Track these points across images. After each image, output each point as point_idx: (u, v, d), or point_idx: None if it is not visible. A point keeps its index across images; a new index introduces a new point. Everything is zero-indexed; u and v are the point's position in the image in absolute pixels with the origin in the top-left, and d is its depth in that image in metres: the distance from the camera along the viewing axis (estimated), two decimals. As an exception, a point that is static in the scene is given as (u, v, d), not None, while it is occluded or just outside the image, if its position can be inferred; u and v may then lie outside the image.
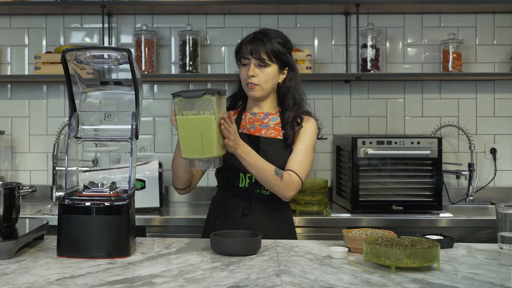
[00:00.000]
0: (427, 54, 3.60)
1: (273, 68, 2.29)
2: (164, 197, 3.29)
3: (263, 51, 2.26)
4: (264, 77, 2.28)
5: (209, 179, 3.51)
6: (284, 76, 2.34)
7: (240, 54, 2.32)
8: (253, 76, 2.27)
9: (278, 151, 2.29)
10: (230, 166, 2.26)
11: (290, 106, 2.33)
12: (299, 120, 2.33)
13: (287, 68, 2.34)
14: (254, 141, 2.30)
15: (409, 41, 3.61)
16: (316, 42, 3.60)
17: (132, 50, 3.32)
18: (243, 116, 2.38)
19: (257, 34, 2.30)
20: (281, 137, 2.31)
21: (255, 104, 2.38)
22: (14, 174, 3.57)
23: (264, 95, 2.32)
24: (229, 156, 2.24)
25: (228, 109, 2.38)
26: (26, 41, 3.60)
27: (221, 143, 2.05)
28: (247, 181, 2.30)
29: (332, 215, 3.02)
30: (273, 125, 2.34)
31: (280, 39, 2.31)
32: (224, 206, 2.34)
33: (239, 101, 2.44)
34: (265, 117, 2.36)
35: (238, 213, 2.29)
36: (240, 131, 2.32)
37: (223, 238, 1.92)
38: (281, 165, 2.26)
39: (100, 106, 2.06)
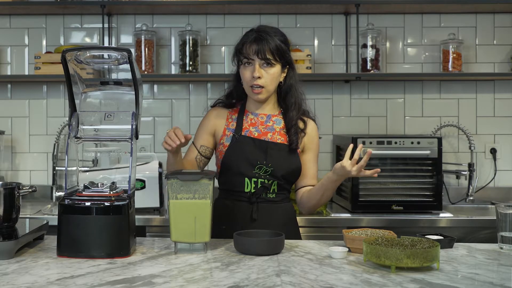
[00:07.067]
0: (427, 54, 3.60)
1: (277, 68, 2.25)
2: (164, 197, 3.28)
3: (268, 50, 2.21)
4: (270, 78, 2.23)
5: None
6: (285, 75, 2.31)
7: (242, 54, 2.25)
8: (259, 77, 2.22)
9: (285, 156, 2.28)
10: (233, 171, 2.25)
11: (292, 106, 2.30)
12: (302, 125, 2.32)
13: (287, 66, 2.31)
14: (261, 145, 2.26)
15: (409, 41, 3.60)
16: (316, 42, 3.59)
17: (132, 50, 3.32)
18: (244, 117, 2.33)
19: (260, 33, 2.23)
20: (287, 143, 2.29)
21: (255, 105, 2.33)
22: (14, 174, 3.57)
23: (268, 96, 2.29)
24: (232, 161, 2.24)
25: (226, 107, 2.37)
26: (26, 41, 3.60)
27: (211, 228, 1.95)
28: (253, 185, 2.25)
29: (332, 215, 3.02)
30: (279, 130, 2.30)
31: (281, 37, 2.27)
32: (229, 211, 2.27)
33: (235, 100, 2.38)
34: (269, 120, 2.32)
35: (246, 217, 2.24)
36: (243, 133, 2.28)
37: (249, 238, 1.91)
38: (287, 169, 2.27)
39: (100, 106, 2.06)
